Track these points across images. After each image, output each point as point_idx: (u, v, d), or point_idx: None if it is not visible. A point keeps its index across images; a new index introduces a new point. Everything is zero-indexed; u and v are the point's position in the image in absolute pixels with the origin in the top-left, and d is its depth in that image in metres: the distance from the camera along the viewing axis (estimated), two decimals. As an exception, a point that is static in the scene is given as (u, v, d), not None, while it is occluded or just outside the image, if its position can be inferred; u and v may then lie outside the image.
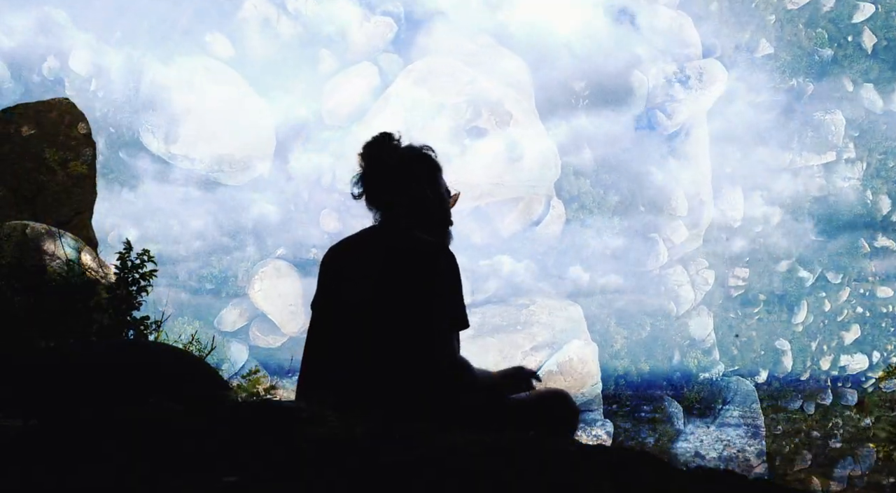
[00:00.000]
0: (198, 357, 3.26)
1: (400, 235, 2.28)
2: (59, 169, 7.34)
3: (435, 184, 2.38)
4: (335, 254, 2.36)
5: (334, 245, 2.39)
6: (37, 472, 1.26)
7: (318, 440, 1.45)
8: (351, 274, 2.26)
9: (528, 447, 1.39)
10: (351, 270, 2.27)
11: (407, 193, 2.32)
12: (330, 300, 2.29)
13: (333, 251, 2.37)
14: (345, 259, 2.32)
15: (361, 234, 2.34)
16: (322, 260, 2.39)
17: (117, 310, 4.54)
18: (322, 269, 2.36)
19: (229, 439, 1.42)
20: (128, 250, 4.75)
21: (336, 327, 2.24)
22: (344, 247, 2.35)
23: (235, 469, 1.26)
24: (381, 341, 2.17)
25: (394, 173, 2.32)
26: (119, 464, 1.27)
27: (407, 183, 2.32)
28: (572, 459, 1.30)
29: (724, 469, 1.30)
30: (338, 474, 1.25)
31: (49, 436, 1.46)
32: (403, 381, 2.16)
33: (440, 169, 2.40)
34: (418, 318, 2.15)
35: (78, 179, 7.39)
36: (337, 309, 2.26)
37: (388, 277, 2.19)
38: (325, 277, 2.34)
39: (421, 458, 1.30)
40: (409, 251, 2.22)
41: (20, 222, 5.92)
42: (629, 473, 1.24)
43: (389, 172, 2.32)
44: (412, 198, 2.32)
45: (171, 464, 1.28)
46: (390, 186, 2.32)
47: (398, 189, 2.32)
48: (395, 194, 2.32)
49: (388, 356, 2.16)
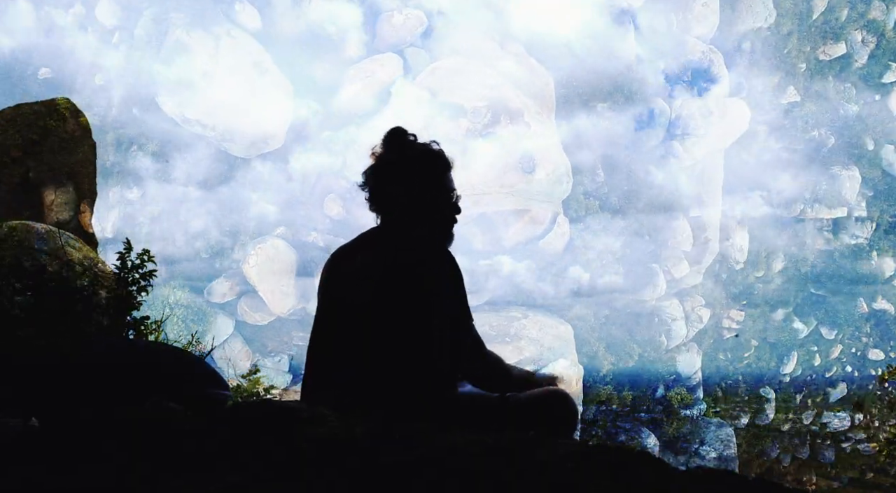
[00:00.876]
0: (198, 357, 3.21)
1: (401, 237, 2.26)
2: (59, 168, 7.37)
3: (443, 182, 2.34)
4: (337, 258, 2.34)
5: (336, 251, 2.37)
6: (37, 472, 1.28)
7: (318, 440, 1.44)
8: (352, 277, 2.24)
9: (528, 447, 1.38)
10: (352, 273, 2.25)
11: (413, 189, 2.29)
12: (334, 303, 2.27)
13: (335, 256, 2.36)
14: (346, 263, 2.29)
15: (362, 237, 2.34)
16: (324, 266, 2.36)
17: (117, 310, 4.53)
18: (324, 274, 2.35)
19: (229, 439, 1.41)
20: (128, 249, 4.76)
21: (339, 330, 2.22)
22: (345, 251, 2.33)
23: (235, 469, 1.26)
24: (382, 343, 2.15)
25: (403, 169, 2.29)
26: (119, 464, 1.28)
27: (415, 179, 2.29)
28: (572, 459, 1.30)
29: (724, 469, 1.27)
30: (338, 474, 1.25)
31: (49, 436, 1.48)
32: (404, 382, 2.14)
33: (450, 167, 2.36)
34: (419, 320, 2.15)
35: (78, 177, 7.42)
36: (339, 312, 2.24)
37: (389, 278, 2.17)
38: (327, 281, 2.33)
39: (421, 458, 1.31)
40: (409, 253, 2.20)
41: (20, 222, 5.93)
42: (629, 473, 1.24)
43: (399, 168, 2.29)
44: (417, 195, 2.29)
45: (171, 464, 1.28)
46: (398, 180, 2.29)
47: (405, 185, 2.28)
48: (402, 190, 2.29)
49: (389, 358, 2.14)
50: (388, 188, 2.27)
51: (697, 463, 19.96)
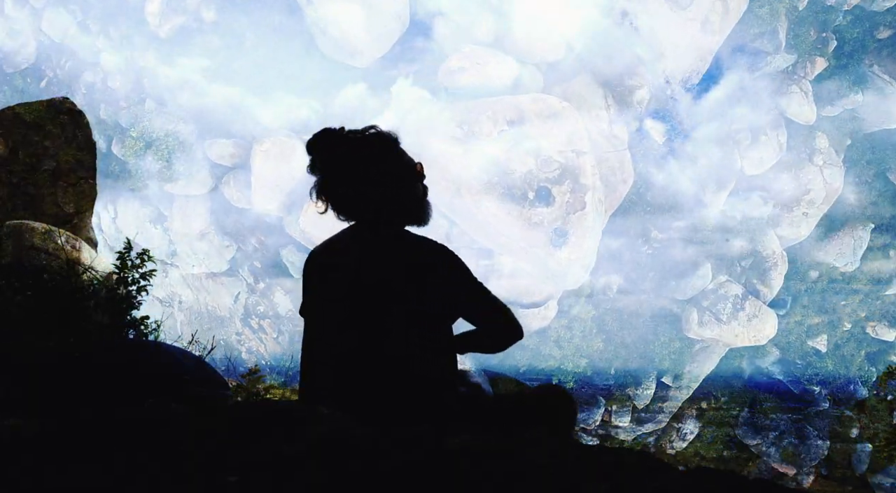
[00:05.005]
0: (198, 357, 3.21)
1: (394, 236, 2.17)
2: (59, 168, 7.37)
3: (398, 159, 2.23)
4: (319, 257, 2.26)
5: (315, 249, 2.29)
6: (37, 472, 1.27)
7: (318, 440, 1.44)
8: (341, 276, 2.16)
9: (528, 447, 1.38)
10: (339, 272, 2.17)
11: (374, 180, 2.17)
12: (323, 304, 2.19)
13: (316, 255, 2.27)
14: (330, 262, 2.22)
15: (342, 235, 2.24)
16: (305, 265, 2.28)
17: (117, 310, 4.52)
18: (307, 273, 2.26)
19: (229, 439, 1.40)
20: (128, 249, 4.75)
21: (332, 331, 2.16)
22: (327, 249, 2.25)
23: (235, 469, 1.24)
24: (382, 342, 2.10)
25: (348, 164, 2.17)
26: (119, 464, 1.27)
27: (366, 169, 2.17)
28: (572, 459, 1.30)
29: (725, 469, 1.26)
30: (338, 474, 1.24)
31: (49, 436, 1.48)
32: (402, 382, 2.10)
33: (396, 141, 2.24)
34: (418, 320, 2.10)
35: (78, 178, 7.42)
36: (331, 312, 2.17)
37: (389, 280, 2.11)
38: (311, 281, 2.24)
39: (421, 458, 1.30)
40: (410, 254, 2.14)
41: (20, 222, 5.94)
42: (629, 473, 1.24)
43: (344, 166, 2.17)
44: (381, 183, 2.17)
45: (171, 464, 1.27)
46: (350, 180, 2.17)
47: (364, 180, 2.17)
48: (364, 187, 2.17)
49: (387, 358, 2.10)
50: (348, 191, 2.18)
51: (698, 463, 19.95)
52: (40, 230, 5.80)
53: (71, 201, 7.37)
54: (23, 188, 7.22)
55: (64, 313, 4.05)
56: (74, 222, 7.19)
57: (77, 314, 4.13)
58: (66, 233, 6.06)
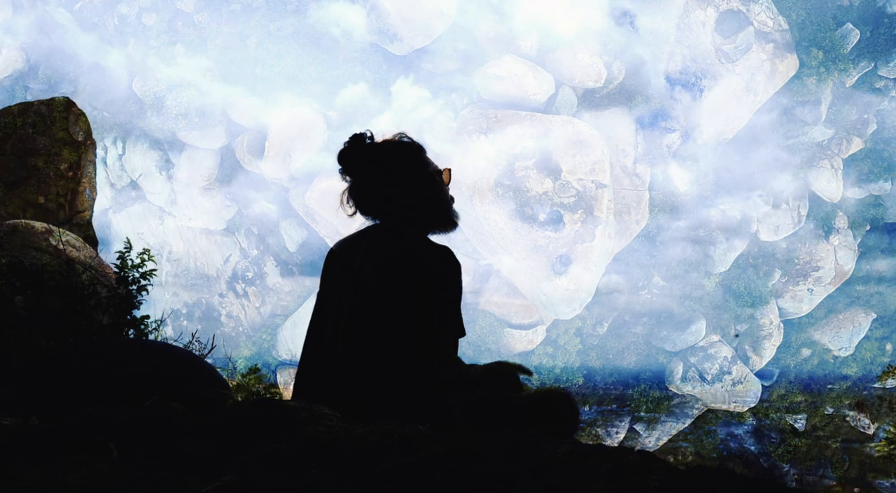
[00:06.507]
0: (197, 357, 3.20)
1: (404, 238, 2.20)
2: (59, 168, 7.37)
3: (422, 168, 2.28)
4: (337, 254, 2.30)
5: (337, 243, 2.34)
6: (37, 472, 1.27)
7: (318, 440, 1.44)
8: (350, 276, 2.20)
9: (528, 448, 1.37)
10: (350, 272, 2.21)
11: (398, 189, 2.23)
12: (330, 301, 2.23)
13: (335, 251, 2.32)
14: (340, 261, 2.26)
15: (364, 232, 2.28)
16: (326, 258, 2.33)
17: (117, 310, 4.52)
18: (325, 268, 2.32)
19: (229, 439, 1.40)
20: (128, 249, 4.75)
21: (332, 328, 2.19)
22: (342, 247, 2.30)
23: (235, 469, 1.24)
24: (375, 343, 2.12)
25: (378, 174, 2.23)
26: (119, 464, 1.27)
27: (394, 179, 2.23)
28: (572, 459, 1.29)
29: (725, 469, 1.27)
30: (338, 474, 1.24)
31: (49, 436, 1.47)
32: (394, 382, 2.12)
33: (423, 150, 2.30)
34: (415, 323, 2.10)
35: (78, 176, 7.42)
36: (335, 310, 2.20)
37: (388, 280, 2.13)
38: (326, 276, 2.31)
39: (421, 459, 1.30)
40: (411, 256, 2.15)
41: (20, 222, 5.93)
42: (629, 473, 1.23)
43: (374, 174, 2.24)
44: (410, 192, 2.23)
45: (171, 464, 1.26)
46: (380, 188, 2.24)
47: (389, 188, 2.23)
48: (388, 194, 2.24)
49: (380, 359, 2.12)
50: (377, 197, 2.23)
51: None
52: (40, 230, 5.80)
53: (71, 201, 7.37)
54: (22, 188, 7.22)
55: (64, 313, 4.05)
56: (74, 222, 7.19)
57: (77, 314, 4.14)
58: (66, 232, 6.05)
